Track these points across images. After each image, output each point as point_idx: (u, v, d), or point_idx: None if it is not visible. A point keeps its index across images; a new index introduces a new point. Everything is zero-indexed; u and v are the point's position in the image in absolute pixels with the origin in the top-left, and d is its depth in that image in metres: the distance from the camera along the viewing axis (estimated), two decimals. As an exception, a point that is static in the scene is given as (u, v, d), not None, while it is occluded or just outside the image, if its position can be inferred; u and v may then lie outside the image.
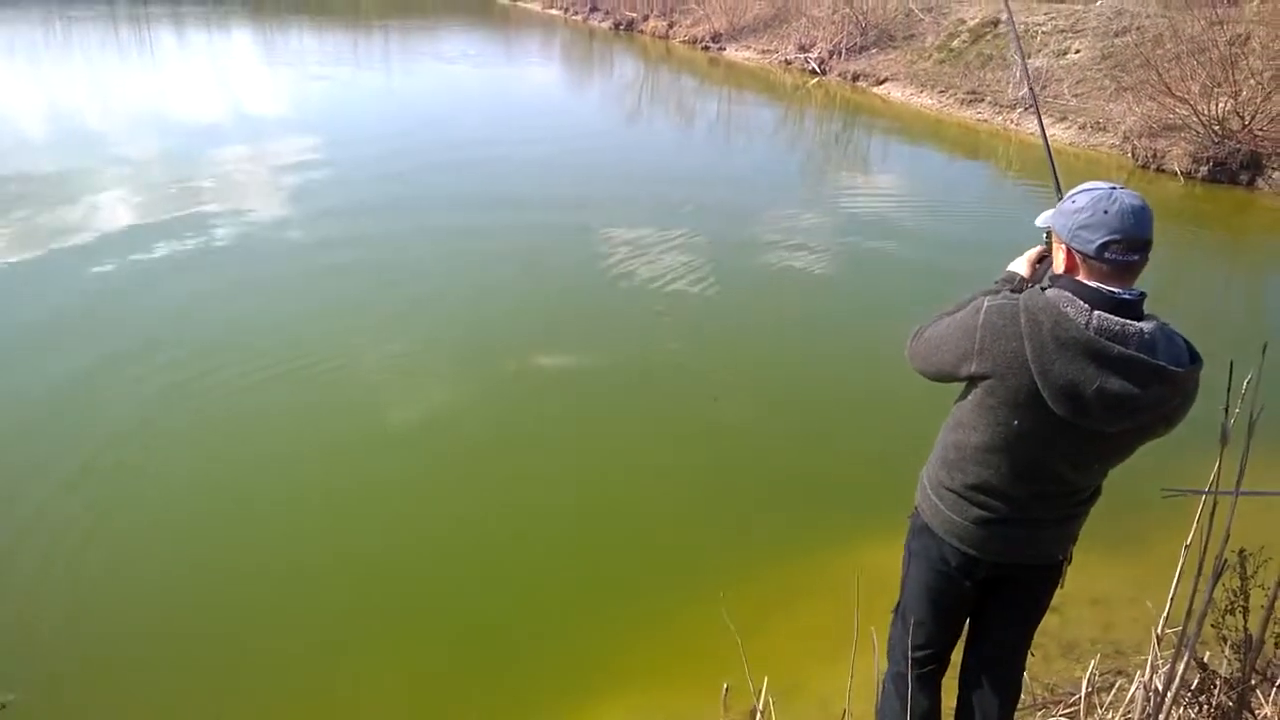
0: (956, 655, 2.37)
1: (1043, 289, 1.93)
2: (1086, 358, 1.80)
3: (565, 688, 3.40)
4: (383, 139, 12.48)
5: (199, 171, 10.24)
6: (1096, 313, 1.82)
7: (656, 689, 3.38)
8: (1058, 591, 2.22)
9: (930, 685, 2.36)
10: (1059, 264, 1.95)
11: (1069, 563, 2.18)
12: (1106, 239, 1.81)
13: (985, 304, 1.94)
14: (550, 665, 3.51)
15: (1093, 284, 1.85)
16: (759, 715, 2.39)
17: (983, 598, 2.24)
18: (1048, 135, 2.72)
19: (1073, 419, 1.85)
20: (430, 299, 6.90)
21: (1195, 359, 1.85)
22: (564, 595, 3.87)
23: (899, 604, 2.38)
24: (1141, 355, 1.79)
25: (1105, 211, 1.82)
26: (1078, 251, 1.87)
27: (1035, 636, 2.32)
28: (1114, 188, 1.85)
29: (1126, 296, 1.84)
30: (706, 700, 3.15)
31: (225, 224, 8.46)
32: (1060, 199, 1.98)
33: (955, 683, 2.38)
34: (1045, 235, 2.08)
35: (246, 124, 13.36)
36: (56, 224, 8.25)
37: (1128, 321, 1.81)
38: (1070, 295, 1.86)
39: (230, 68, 18.68)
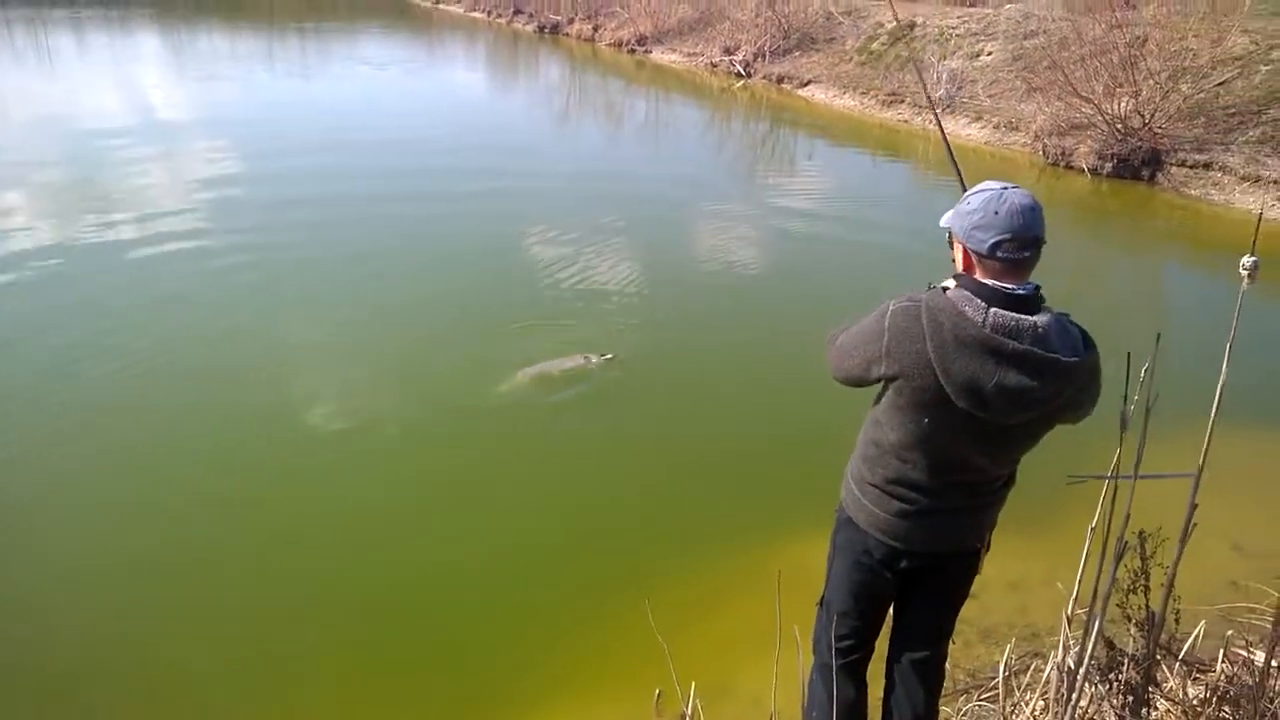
0: (881, 646, 2.41)
1: (944, 289, 1.98)
2: (985, 354, 1.85)
3: (496, 699, 3.33)
4: (303, 151, 12.13)
5: (100, 182, 9.78)
6: (993, 310, 1.87)
7: (588, 698, 3.34)
8: (976, 578, 2.28)
9: (855, 674, 2.41)
10: (959, 263, 2.01)
11: (987, 550, 2.24)
12: (998, 238, 1.88)
13: (891, 307, 1.99)
14: (479, 677, 3.44)
15: (989, 281, 1.91)
16: (688, 719, 2.38)
17: (904, 587, 2.28)
18: (948, 134, 2.79)
19: (977, 413, 1.90)
20: (362, 311, 6.72)
21: (1089, 347, 1.91)
22: (487, 607, 3.80)
23: (823, 596, 2.42)
24: (1035, 350, 1.85)
25: (996, 212, 1.88)
26: (973, 251, 1.93)
27: (956, 623, 2.37)
28: (1005, 188, 1.91)
29: (1020, 292, 1.90)
30: (639, 706, 3.13)
31: (133, 230, 8.09)
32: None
33: (881, 674, 2.42)
34: (948, 235, 2.13)
35: (149, 131, 12.81)
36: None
37: (1022, 316, 1.87)
38: (969, 294, 1.91)
39: (136, 74, 17.88)
